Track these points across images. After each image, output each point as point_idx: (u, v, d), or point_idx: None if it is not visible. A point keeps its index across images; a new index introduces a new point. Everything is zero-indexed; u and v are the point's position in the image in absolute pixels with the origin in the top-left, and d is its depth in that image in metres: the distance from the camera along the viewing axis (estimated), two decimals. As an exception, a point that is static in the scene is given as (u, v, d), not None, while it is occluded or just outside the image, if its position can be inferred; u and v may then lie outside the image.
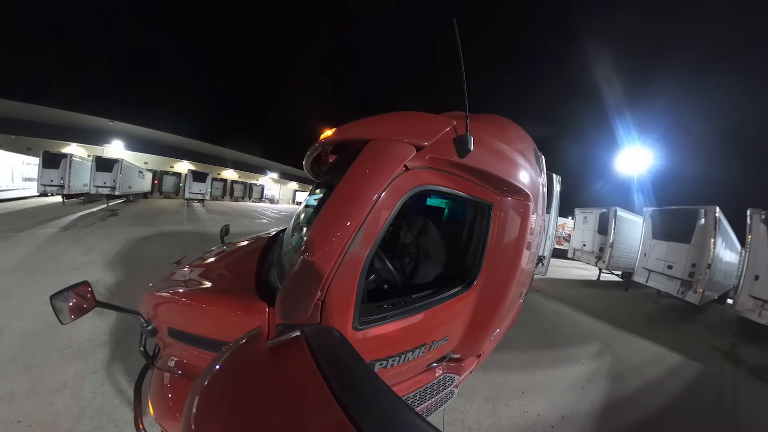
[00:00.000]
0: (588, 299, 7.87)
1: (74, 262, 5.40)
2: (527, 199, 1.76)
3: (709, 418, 3.16)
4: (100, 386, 2.43)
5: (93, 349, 2.89)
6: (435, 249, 2.07)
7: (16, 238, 6.67)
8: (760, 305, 5.86)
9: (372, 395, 0.77)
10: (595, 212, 11.38)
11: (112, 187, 16.75)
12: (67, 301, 1.43)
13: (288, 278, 1.25)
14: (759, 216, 6.21)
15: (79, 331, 3.09)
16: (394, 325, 1.46)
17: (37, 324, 3.15)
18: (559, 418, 2.72)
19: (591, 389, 3.29)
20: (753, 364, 4.88)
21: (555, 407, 2.87)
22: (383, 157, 1.26)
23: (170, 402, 1.44)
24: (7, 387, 2.30)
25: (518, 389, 3.05)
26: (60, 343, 2.90)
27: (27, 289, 3.99)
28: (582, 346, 4.55)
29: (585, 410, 2.90)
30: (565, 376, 3.50)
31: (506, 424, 2.54)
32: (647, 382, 3.72)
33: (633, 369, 4.02)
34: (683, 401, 3.39)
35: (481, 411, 2.64)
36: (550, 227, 6.18)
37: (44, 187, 14.21)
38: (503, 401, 2.81)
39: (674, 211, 8.29)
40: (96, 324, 3.26)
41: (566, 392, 3.16)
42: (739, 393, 3.82)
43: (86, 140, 25.98)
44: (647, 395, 3.39)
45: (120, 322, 3.33)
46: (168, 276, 2.05)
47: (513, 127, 2.08)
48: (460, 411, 2.59)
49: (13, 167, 13.97)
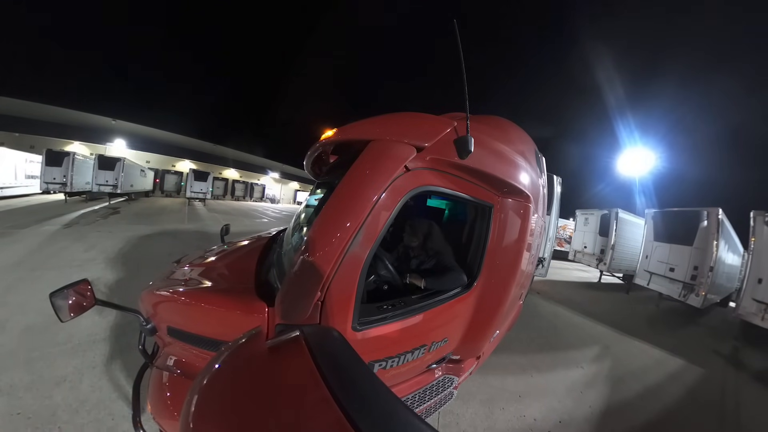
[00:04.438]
0: (589, 302, 7.81)
1: (76, 259, 5.42)
2: (527, 200, 1.76)
3: (710, 424, 3.10)
4: (99, 380, 2.46)
5: (93, 344, 2.91)
6: (437, 250, 2.06)
7: (18, 235, 6.71)
8: (763, 309, 5.76)
9: (371, 396, 0.77)
10: (596, 214, 11.30)
11: (114, 186, 16.75)
12: (67, 299, 1.42)
13: (288, 278, 1.25)
14: (762, 218, 6.08)
15: (79, 327, 3.11)
16: (394, 326, 1.46)
17: (37, 319, 3.18)
18: (557, 423, 2.67)
19: (590, 393, 3.24)
20: (756, 369, 4.81)
21: (553, 412, 2.82)
22: (384, 157, 1.26)
23: (169, 401, 1.43)
24: (8, 380, 2.34)
25: (515, 393, 3.00)
26: (60, 338, 2.93)
27: (29, 285, 4.02)
28: (582, 350, 4.49)
29: (583, 415, 2.84)
30: (563, 380, 3.44)
31: (502, 428, 2.50)
32: (648, 386, 3.66)
33: (633, 373, 3.97)
34: (684, 406, 3.34)
35: (477, 414, 2.60)
36: (551, 229, 6.13)
37: (47, 184, 14.23)
38: (500, 405, 2.77)
39: (676, 213, 8.20)
40: (96, 320, 3.28)
41: (565, 396, 3.10)
42: (742, 398, 3.77)
43: (89, 139, 26.09)
44: (648, 400, 3.35)
45: (120, 319, 3.35)
46: (168, 275, 2.05)
47: (514, 128, 2.07)
48: (456, 414, 2.55)
49: (16, 165, 14.01)
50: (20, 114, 22.16)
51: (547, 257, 6.54)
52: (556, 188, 5.87)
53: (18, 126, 21.91)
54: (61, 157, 14.67)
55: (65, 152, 15.22)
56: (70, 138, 24.87)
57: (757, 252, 6.10)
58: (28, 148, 17.31)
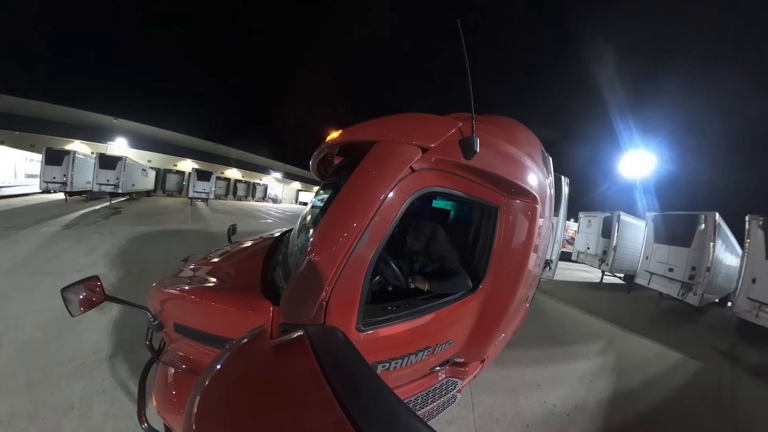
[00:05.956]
0: (592, 300, 8.04)
1: (76, 263, 5.20)
2: (534, 201, 1.74)
3: (707, 410, 3.40)
4: (111, 407, 2.19)
5: (99, 363, 2.64)
6: (440, 254, 2.04)
7: (16, 237, 6.47)
8: (756, 307, 6.13)
9: (373, 397, 0.77)
10: (599, 216, 11.65)
11: (115, 185, 16.69)
12: (78, 294, 1.47)
13: (293, 278, 1.26)
14: (757, 222, 6.50)
15: (83, 342, 2.88)
16: (398, 328, 1.46)
17: (36, 333, 2.93)
18: (573, 407, 2.97)
19: (599, 382, 3.57)
20: (750, 363, 5.05)
21: (569, 398, 3.12)
22: (389, 158, 1.26)
23: (173, 396, 1.47)
24: (7, 407, 2.07)
25: (535, 382, 3.30)
26: (63, 356, 2.66)
27: (26, 294, 3.78)
28: (588, 344, 4.77)
29: (595, 401, 3.17)
30: (575, 371, 3.77)
31: (528, 413, 2.77)
32: (650, 376, 3.96)
33: (636, 365, 4.24)
34: (683, 394, 3.65)
35: (505, 403, 2.86)
36: (558, 230, 5.99)
37: (47, 184, 14.11)
38: (523, 393, 3.05)
39: (675, 216, 8.57)
40: (101, 336, 3.05)
41: (577, 384, 3.44)
42: (737, 389, 4.05)
43: (90, 137, 26.10)
44: (650, 388, 3.64)
45: (129, 332, 3.14)
46: (175, 273, 2.07)
47: (520, 128, 2.05)
48: (487, 404, 2.79)
49: (16, 163, 13.95)
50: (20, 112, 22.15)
51: (554, 259, 6.37)
52: (563, 189, 5.76)
53: (18, 124, 21.91)
54: (61, 156, 14.57)
55: (65, 151, 15.12)
56: (70, 136, 24.90)
57: (752, 253, 6.47)
58: (28, 147, 17.34)
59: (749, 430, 3.18)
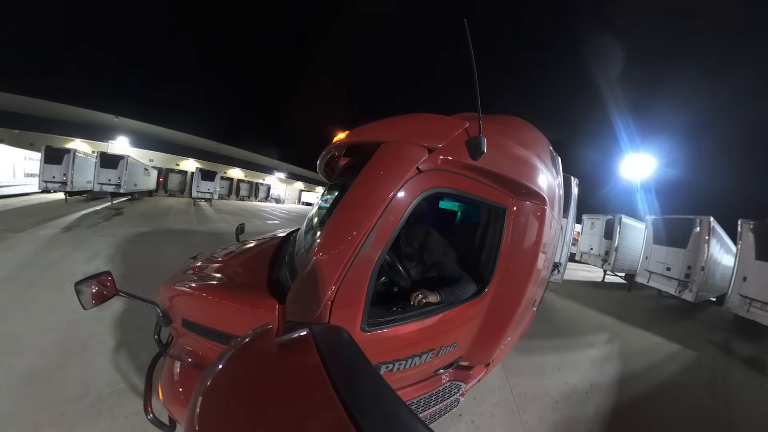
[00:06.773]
0: (595, 298, 8.54)
1: (77, 271, 4.75)
2: (543, 202, 1.72)
3: (702, 391, 3.93)
4: None
5: (118, 397, 2.22)
6: (435, 260, 2.01)
7: (13, 240, 6.06)
8: (747, 302, 6.87)
9: (375, 397, 0.78)
10: (601, 219, 12.38)
11: (116, 185, 16.37)
12: (91, 287, 1.55)
13: (299, 277, 1.28)
14: (748, 225, 7.26)
15: (94, 371, 2.46)
16: (403, 329, 1.45)
17: (38, 362, 2.48)
18: (589, 386, 3.53)
19: (608, 366, 4.16)
20: (742, 354, 5.60)
21: (585, 379, 3.68)
22: (396, 159, 1.26)
23: (179, 389, 1.51)
24: None
25: (555, 367, 3.85)
26: (72, 390, 2.23)
27: (23, 310, 3.35)
28: (595, 335, 5.38)
29: (606, 381, 3.75)
30: (586, 357, 4.37)
31: (555, 392, 3.29)
32: (651, 362, 4.56)
33: (638, 353, 4.82)
34: (681, 377, 4.23)
35: (535, 384, 3.36)
36: (567, 232, 5.74)
37: (46, 183, 13.72)
38: (547, 376, 3.59)
39: (673, 219, 9.27)
40: (114, 363, 2.63)
41: (590, 368, 4.02)
42: (729, 375, 4.62)
43: (90, 136, 26.03)
44: (652, 372, 4.22)
45: (146, 355, 2.62)
46: (184, 270, 2.10)
47: (528, 127, 2.02)
48: (521, 387, 3.26)
49: (15, 162, 13.70)
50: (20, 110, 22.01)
51: (563, 262, 6.03)
52: (573, 189, 5.55)
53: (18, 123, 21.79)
54: (61, 155, 14.16)
55: (65, 149, 14.74)
56: (71, 135, 24.79)
57: (743, 254, 7.22)
58: (28, 146, 17.21)
59: (737, 405, 3.72)
